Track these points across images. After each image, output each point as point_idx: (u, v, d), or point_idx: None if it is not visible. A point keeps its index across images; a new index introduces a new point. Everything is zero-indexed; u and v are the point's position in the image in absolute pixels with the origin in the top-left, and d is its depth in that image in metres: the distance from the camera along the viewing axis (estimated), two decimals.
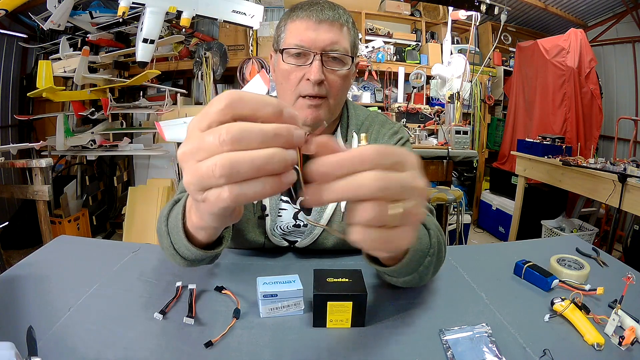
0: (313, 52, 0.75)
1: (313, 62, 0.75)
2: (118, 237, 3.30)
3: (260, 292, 0.62)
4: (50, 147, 2.88)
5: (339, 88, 0.79)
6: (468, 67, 3.46)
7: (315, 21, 0.74)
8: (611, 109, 3.84)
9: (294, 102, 0.79)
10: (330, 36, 0.75)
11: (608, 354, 0.56)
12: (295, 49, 0.76)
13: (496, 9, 3.34)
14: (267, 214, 0.88)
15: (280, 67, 0.79)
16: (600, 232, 3.15)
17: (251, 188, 0.30)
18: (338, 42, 0.76)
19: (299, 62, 0.77)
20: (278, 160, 0.30)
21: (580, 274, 0.76)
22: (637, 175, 2.05)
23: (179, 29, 3.24)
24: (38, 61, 2.84)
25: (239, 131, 0.29)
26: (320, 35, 0.74)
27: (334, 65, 0.77)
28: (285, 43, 0.78)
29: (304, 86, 0.77)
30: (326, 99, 0.79)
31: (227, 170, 0.29)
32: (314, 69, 0.74)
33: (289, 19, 0.78)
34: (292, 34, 0.77)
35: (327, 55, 0.76)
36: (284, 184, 0.31)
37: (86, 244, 0.95)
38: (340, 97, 0.82)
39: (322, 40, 0.75)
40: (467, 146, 3.12)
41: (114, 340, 0.56)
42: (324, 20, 0.74)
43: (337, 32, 0.76)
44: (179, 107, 3.21)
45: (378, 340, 0.59)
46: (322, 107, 0.79)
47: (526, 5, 3.89)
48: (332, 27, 0.75)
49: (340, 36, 0.76)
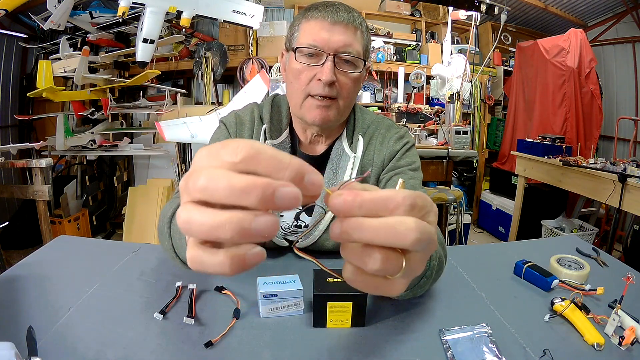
0: (326, 52, 0.75)
1: (325, 63, 0.75)
2: (118, 237, 3.30)
3: (260, 292, 0.62)
4: (50, 147, 2.88)
5: (350, 90, 0.80)
6: (468, 67, 3.46)
7: (330, 22, 0.75)
8: (611, 109, 3.84)
9: (302, 101, 0.79)
10: (344, 38, 0.75)
11: (608, 354, 0.56)
12: (308, 48, 0.76)
13: (496, 9, 3.34)
14: None
15: (292, 66, 0.79)
16: (600, 232, 3.14)
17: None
18: (351, 44, 0.76)
19: (311, 61, 0.77)
20: (229, 229, 0.23)
21: (580, 274, 0.76)
22: (637, 175, 2.05)
23: (179, 29, 3.24)
24: (38, 61, 2.84)
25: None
26: (334, 37, 0.75)
27: (346, 67, 0.77)
28: (299, 42, 0.78)
29: (314, 86, 0.77)
30: (336, 100, 0.79)
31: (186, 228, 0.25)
32: (326, 69, 0.75)
33: (304, 18, 0.79)
34: (306, 34, 0.77)
35: (340, 57, 0.76)
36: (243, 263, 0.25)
37: (86, 244, 0.95)
38: (350, 100, 0.82)
39: (336, 42, 0.75)
40: (467, 146, 3.12)
41: (114, 340, 0.56)
42: (339, 22, 0.75)
43: (351, 34, 0.76)
44: (179, 107, 3.21)
45: (378, 340, 0.59)
46: (332, 108, 0.79)
47: (526, 5, 3.89)
48: (347, 30, 0.76)
49: (354, 39, 0.77)
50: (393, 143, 0.90)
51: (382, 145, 0.90)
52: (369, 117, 0.94)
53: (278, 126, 0.89)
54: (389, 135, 0.91)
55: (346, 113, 0.85)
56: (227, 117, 0.92)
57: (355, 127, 0.91)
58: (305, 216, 0.92)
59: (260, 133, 0.87)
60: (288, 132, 0.89)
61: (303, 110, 0.81)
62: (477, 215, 4.07)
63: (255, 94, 2.74)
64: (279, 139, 0.88)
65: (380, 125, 0.93)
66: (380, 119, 0.96)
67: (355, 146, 0.89)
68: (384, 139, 0.91)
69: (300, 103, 0.80)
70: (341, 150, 0.88)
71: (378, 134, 0.91)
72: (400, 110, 3.33)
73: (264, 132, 0.87)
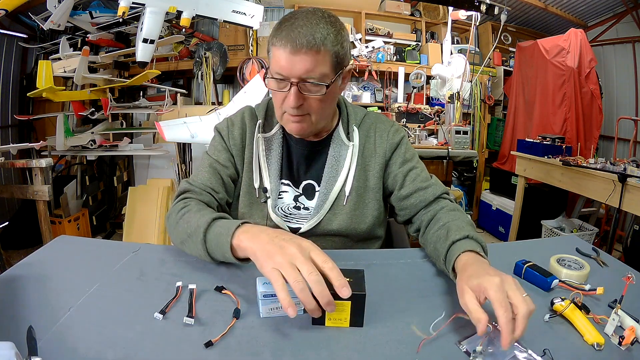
0: (290, 80, 0.80)
1: (290, 90, 0.81)
2: (118, 237, 3.30)
3: (260, 292, 0.62)
4: (50, 147, 2.88)
5: (319, 107, 0.85)
6: (468, 67, 3.46)
7: (290, 50, 0.77)
8: (611, 109, 3.84)
9: (281, 115, 0.89)
10: (305, 65, 0.78)
11: (608, 354, 0.56)
12: (275, 77, 0.82)
13: (496, 9, 3.34)
14: (268, 196, 0.95)
15: (269, 85, 0.85)
16: (600, 232, 3.14)
17: None
18: (313, 69, 0.79)
19: (279, 87, 0.83)
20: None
21: (580, 274, 0.76)
22: (637, 175, 2.05)
23: (179, 29, 3.24)
24: (38, 61, 2.84)
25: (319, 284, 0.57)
26: (295, 65, 0.78)
27: (312, 88, 0.82)
28: (270, 67, 0.83)
29: (286, 106, 0.84)
30: (308, 116, 0.86)
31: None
32: (290, 97, 0.81)
33: (272, 41, 0.81)
34: (274, 61, 0.81)
35: (304, 81, 0.80)
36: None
37: (86, 244, 0.95)
38: (322, 112, 0.88)
39: (298, 70, 0.78)
40: (467, 146, 3.12)
41: (114, 340, 0.56)
42: (299, 50, 0.77)
43: (312, 59, 0.78)
44: (179, 107, 3.21)
45: (378, 340, 0.59)
46: (305, 121, 0.87)
47: (526, 5, 3.89)
48: (307, 56, 0.77)
49: (316, 63, 0.78)
50: (392, 135, 0.99)
51: (382, 138, 0.99)
52: (360, 110, 1.04)
53: (270, 122, 1.00)
54: (385, 128, 1.01)
55: (323, 121, 0.92)
56: (220, 123, 1.02)
57: (349, 119, 0.99)
58: (305, 199, 0.98)
59: (253, 129, 0.98)
60: (280, 126, 0.98)
61: (283, 122, 0.91)
62: (477, 215, 4.07)
63: (255, 94, 2.74)
64: (271, 132, 0.99)
65: (374, 119, 1.02)
66: (370, 112, 1.05)
67: (352, 135, 0.98)
68: (382, 132, 1.00)
69: (280, 116, 0.90)
70: (340, 140, 0.97)
71: (374, 127, 1.01)
72: (400, 110, 3.33)
73: (258, 127, 0.98)
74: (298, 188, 0.98)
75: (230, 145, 0.97)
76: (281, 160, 0.97)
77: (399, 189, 0.97)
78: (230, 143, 0.97)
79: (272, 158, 0.96)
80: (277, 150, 0.97)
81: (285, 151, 0.98)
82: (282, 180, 0.97)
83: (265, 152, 0.97)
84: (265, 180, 0.95)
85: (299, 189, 0.98)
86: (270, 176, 0.95)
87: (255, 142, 0.96)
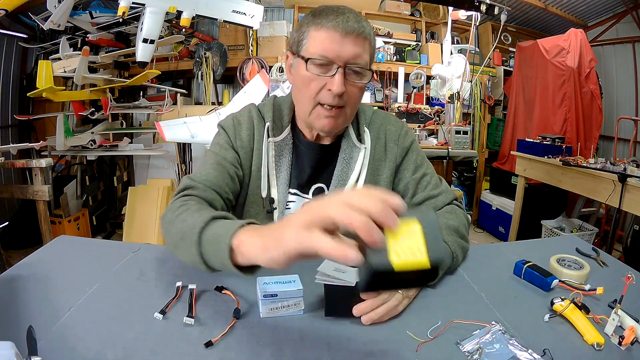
0: (337, 64, 0.76)
1: (336, 75, 0.77)
2: (118, 237, 3.30)
3: (260, 292, 0.62)
4: (50, 147, 2.88)
5: (357, 98, 0.83)
6: (468, 67, 3.46)
7: (341, 33, 0.75)
8: (611, 109, 3.84)
9: (312, 109, 0.82)
10: (355, 49, 0.76)
11: (608, 353, 0.56)
12: (319, 59, 0.77)
13: (496, 9, 3.34)
14: (275, 207, 0.91)
15: (301, 73, 0.80)
16: (600, 232, 3.14)
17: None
18: (361, 55, 0.77)
19: (321, 71, 0.78)
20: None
21: (580, 274, 0.76)
22: (637, 175, 2.05)
23: (179, 29, 3.24)
24: (38, 61, 2.84)
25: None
26: (345, 48, 0.76)
27: (354, 77, 0.79)
28: (309, 52, 0.78)
29: (324, 95, 0.79)
30: (344, 109, 0.82)
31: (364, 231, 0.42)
32: (337, 81, 0.76)
33: (313, 25, 0.78)
34: (317, 44, 0.77)
35: (350, 67, 0.77)
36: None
37: (86, 244, 0.95)
38: (356, 106, 0.86)
39: (347, 54, 0.76)
40: (467, 146, 3.12)
41: (114, 340, 0.56)
42: (350, 33, 0.75)
43: (361, 45, 0.77)
44: (179, 107, 3.22)
45: (378, 340, 0.59)
46: (340, 117, 0.83)
47: (526, 5, 3.89)
48: (357, 40, 0.76)
49: (363, 50, 0.78)
50: (403, 139, 0.97)
51: (392, 142, 0.96)
52: (368, 109, 0.99)
53: (279, 124, 0.92)
54: (395, 131, 0.97)
55: (352, 118, 0.90)
56: (225, 120, 0.95)
57: (359, 120, 0.95)
58: (298, 192, 0.95)
59: (262, 131, 0.90)
60: (289, 129, 0.92)
61: (312, 117, 0.84)
62: (477, 215, 4.07)
63: (255, 94, 2.74)
64: (281, 136, 0.91)
65: (383, 119, 0.98)
66: (377, 110, 1.01)
67: (363, 138, 0.94)
68: (393, 135, 0.97)
69: (309, 110, 0.83)
70: (351, 143, 0.93)
71: (384, 128, 0.97)
72: (400, 110, 3.33)
73: (267, 130, 0.90)
74: (307, 194, 0.95)
75: (237, 146, 0.90)
76: (290, 169, 0.92)
77: (410, 197, 0.95)
78: (238, 144, 0.90)
79: (282, 166, 0.91)
80: (287, 157, 0.91)
81: (294, 158, 0.93)
82: (290, 189, 0.93)
83: (275, 158, 0.91)
84: (273, 190, 0.91)
85: (309, 195, 0.95)
86: (278, 185, 0.91)
87: (265, 147, 0.90)
